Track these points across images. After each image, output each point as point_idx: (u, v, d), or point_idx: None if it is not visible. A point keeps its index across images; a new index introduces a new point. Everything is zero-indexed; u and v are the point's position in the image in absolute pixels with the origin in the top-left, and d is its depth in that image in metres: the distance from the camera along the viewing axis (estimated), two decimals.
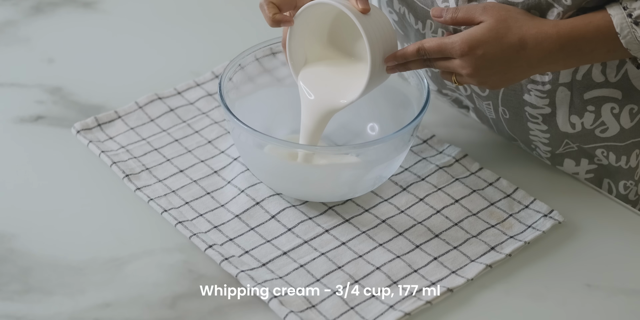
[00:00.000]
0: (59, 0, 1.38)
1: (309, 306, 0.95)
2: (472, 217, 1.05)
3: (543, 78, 1.05)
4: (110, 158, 1.10)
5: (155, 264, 1.00)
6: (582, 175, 1.14)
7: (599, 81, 1.05)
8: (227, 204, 1.06)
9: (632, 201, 1.16)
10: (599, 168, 1.13)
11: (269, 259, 1.00)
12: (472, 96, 1.14)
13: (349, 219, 1.05)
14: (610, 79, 1.05)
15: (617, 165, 1.12)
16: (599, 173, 1.14)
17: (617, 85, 1.06)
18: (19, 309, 0.95)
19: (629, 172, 1.13)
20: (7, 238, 1.02)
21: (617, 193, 1.15)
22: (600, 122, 1.08)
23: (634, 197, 1.16)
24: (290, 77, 1.21)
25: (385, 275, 0.99)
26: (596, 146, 1.10)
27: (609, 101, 1.06)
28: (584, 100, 1.06)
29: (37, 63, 1.27)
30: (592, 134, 1.09)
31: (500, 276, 1.00)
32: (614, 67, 1.04)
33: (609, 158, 1.11)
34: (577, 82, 1.05)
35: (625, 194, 1.15)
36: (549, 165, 1.13)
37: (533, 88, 1.07)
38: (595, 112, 1.07)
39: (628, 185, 1.14)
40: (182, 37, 1.32)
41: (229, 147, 1.13)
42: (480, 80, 0.97)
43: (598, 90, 1.05)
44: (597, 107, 1.07)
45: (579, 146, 1.11)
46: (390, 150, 1.03)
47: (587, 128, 1.09)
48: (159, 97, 1.19)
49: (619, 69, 1.04)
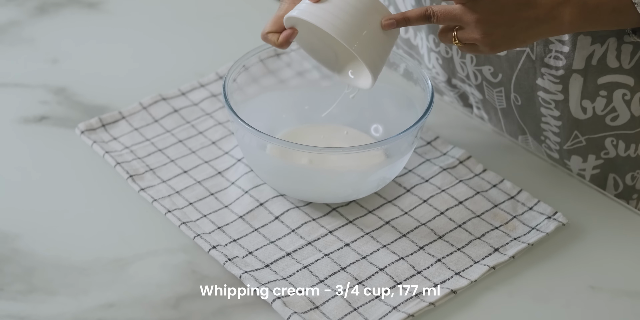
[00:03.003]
0: (63, 1, 1.38)
1: (313, 307, 0.95)
2: (475, 219, 1.05)
3: (557, 63, 1.06)
4: (114, 158, 1.10)
5: (158, 265, 1.00)
6: (588, 172, 1.14)
7: (613, 67, 1.06)
8: (231, 205, 1.06)
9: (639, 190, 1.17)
10: (605, 163, 1.13)
11: (272, 260, 1.00)
12: (482, 85, 1.13)
13: (353, 220, 1.05)
14: (624, 65, 1.06)
15: (626, 154, 1.12)
16: (605, 169, 1.14)
17: (631, 72, 1.07)
18: (23, 309, 0.95)
19: (636, 161, 1.14)
20: (11, 238, 1.02)
21: (623, 186, 1.15)
22: (611, 108, 1.09)
23: None
24: (294, 78, 1.21)
25: (389, 277, 0.99)
26: (606, 135, 1.11)
27: (621, 87, 1.07)
28: (597, 85, 1.07)
29: (41, 63, 1.27)
30: (602, 121, 1.10)
31: (504, 278, 1.00)
32: (628, 53, 1.05)
33: (618, 148, 1.12)
34: (592, 67, 1.06)
35: (632, 185, 1.15)
36: (553, 167, 1.13)
37: (546, 72, 1.07)
38: (607, 97, 1.08)
39: (635, 175, 1.15)
40: (186, 38, 1.32)
41: (233, 148, 1.13)
42: (486, 30, 0.93)
43: (611, 76, 1.06)
44: (609, 93, 1.08)
45: (588, 139, 1.11)
46: (394, 151, 1.03)
47: (598, 114, 1.09)
48: (163, 98, 1.19)
49: (633, 56, 1.05)
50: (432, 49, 1.18)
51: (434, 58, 1.07)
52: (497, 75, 1.12)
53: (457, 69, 1.17)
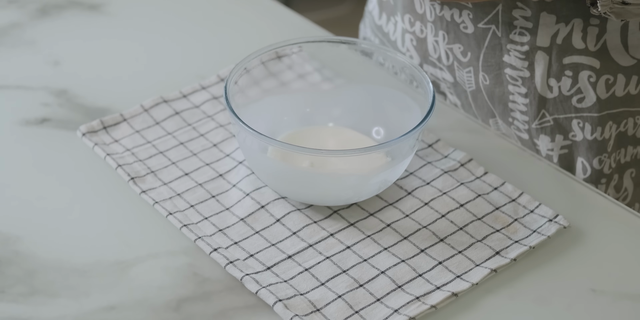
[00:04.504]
0: (64, 3, 1.38)
1: (314, 310, 0.95)
2: (477, 222, 1.05)
3: (522, 39, 1.09)
4: (115, 161, 1.10)
5: (160, 267, 1.00)
6: (556, 152, 1.16)
7: (579, 48, 1.08)
8: (232, 208, 1.06)
9: (607, 175, 1.18)
10: (572, 145, 1.15)
11: (273, 263, 1.00)
12: (453, 66, 1.17)
13: (354, 222, 1.05)
14: (590, 48, 1.08)
15: (592, 138, 1.14)
16: (572, 150, 1.16)
17: (596, 55, 1.09)
18: (24, 311, 0.95)
19: (602, 144, 1.15)
20: (12, 240, 1.02)
21: (591, 170, 1.16)
22: (577, 89, 1.11)
23: (609, 169, 1.18)
24: (296, 80, 1.21)
25: (390, 280, 0.99)
26: (572, 117, 1.13)
27: (586, 69, 1.09)
28: (562, 64, 1.10)
29: (43, 65, 1.27)
30: (568, 102, 1.12)
31: (505, 281, 1.00)
32: (594, 36, 1.07)
33: (585, 130, 1.13)
34: (557, 46, 1.08)
35: (600, 169, 1.17)
36: (554, 170, 1.13)
37: (512, 48, 1.10)
38: (572, 78, 1.10)
39: (602, 158, 1.16)
40: (187, 40, 1.32)
41: (234, 150, 1.13)
42: None
43: (577, 57, 1.09)
44: (574, 73, 1.10)
45: (555, 119, 1.13)
46: (395, 154, 1.03)
47: (564, 94, 1.11)
48: (164, 100, 1.19)
49: (599, 39, 1.07)
50: (407, 30, 1.20)
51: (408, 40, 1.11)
52: (466, 54, 1.15)
53: (430, 51, 1.19)
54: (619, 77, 1.10)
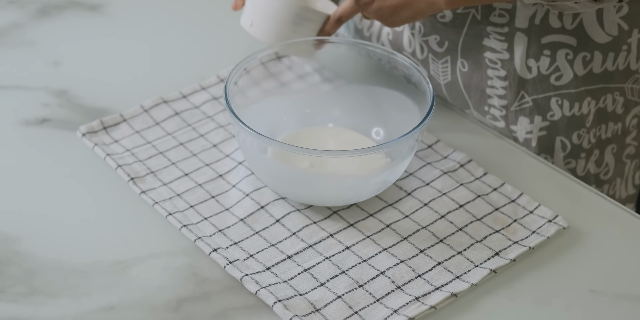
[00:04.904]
0: (64, 4, 1.38)
1: (313, 310, 0.95)
2: (476, 222, 1.05)
3: (502, 20, 1.11)
4: (115, 161, 1.10)
5: (159, 267, 1.00)
6: (535, 135, 1.17)
7: (556, 27, 1.11)
8: (232, 208, 1.06)
9: (587, 149, 1.19)
10: (551, 125, 1.17)
11: (273, 263, 1.00)
12: (427, 60, 1.19)
13: (354, 223, 1.05)
14: (567, 26, 1.11)
15: (570, 113, 1.16)
16: (551, 131, 1.17)
17: (573, 33, 1.11)
18: (24, 311, 0.95)
19: (580, 120, 1.17)
20: (12, 240, 1.02)
21: (571, 146, 1.18)
22: (555, 67, 1.13)
23: (588, 144, 1.19)
24: (296, 81, 1.21)
25: (390, 280, 0.99)
26: (551, 95, 1.15)
27: (564, 47, 1.12)
28: (540, 44, 1.12)
29: (43, 66, 1.27)
30: (547, 81, 1.14)
31: (505, 281, 1.00)
32: (570, 14, 1.10)
33: (563, 107, 1.15)
34: (535, 26, 1.11)
35: (579, 143, 1.18)
36: (554, 171, 1.13)
37: (492, 30, 1.12)
38: (550, 57, 1.12)
39: (581, 133, 1.18)
40: (187, 41, 1.33)
41: (234, 151, 1.13)
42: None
43: (555, 36, 1.11)
44: (552, 52, 1.12)
45: (534, 99, 1.15)
46: (395, 155, 1.03)
47: (543, 73, 1.13)
48: (164, 101, 1.19)
49: (575, 17, 1.10)
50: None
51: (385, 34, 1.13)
52: (443, 44, 1.16)
53: (405, 45, 1.21)
54: (596, 54, 1.13)
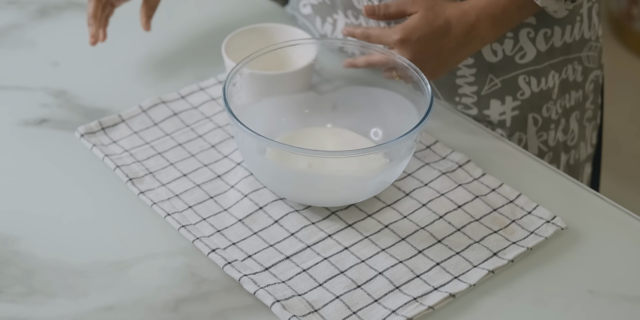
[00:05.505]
0: (64, 4, 1.38)
1: (312, 310, 0.96)
2: (474, 223, 1.05)
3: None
4: (113, 162, 1.10)
5: (158, 268, 1.00)
6: (508, 115, 1.20)
7: None
8: (231, 209, 1.06)
9: (555, 120, 1.23)
10: (522, 104, 1.20)
11: (271, 264, 1.00)
12: None
13: (352, 224, 1.05)
14: None
15: (538, 89, 1.20)
16: (523, 110, 1.20)
17: None
18: (22, 311, 0.95)
19: (547, 93, 1.21)
20: (11, 240, 1.02)
21: (542, 120, 1.21)
22: (519, 47, 1.17)
23: (556, 115, 1.23)
24: None
25: (388, 280, 0.99)
26: (518, 74, 1.18)
27: (525, 26, 1.16)
28: None
29: (42, 66, 1.27)
30: (512, 61, 1.17)
31: (503, 282, 1.00)
32: None
33: (531, 84, 1.19)
34: None
35: (549, 116, 1.22)
36: (551, 171, 1.13)
37: None
38: (513, 38, 1.16)
39: (549, 106, 1.21)
40: (186, 41, 1.33)
41: (232, 151, 1.13)
42: (419, 65, 1.08)
43: None
44: (515, 33, 1.16)
45: (503, 80, 1.18)
46: (393, 155, 1.03)
47: (507, 55, 1.17)
48: (162, 101, 1.19)
49: None
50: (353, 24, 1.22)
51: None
52: None
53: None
54: (556, 29, 1.17)
